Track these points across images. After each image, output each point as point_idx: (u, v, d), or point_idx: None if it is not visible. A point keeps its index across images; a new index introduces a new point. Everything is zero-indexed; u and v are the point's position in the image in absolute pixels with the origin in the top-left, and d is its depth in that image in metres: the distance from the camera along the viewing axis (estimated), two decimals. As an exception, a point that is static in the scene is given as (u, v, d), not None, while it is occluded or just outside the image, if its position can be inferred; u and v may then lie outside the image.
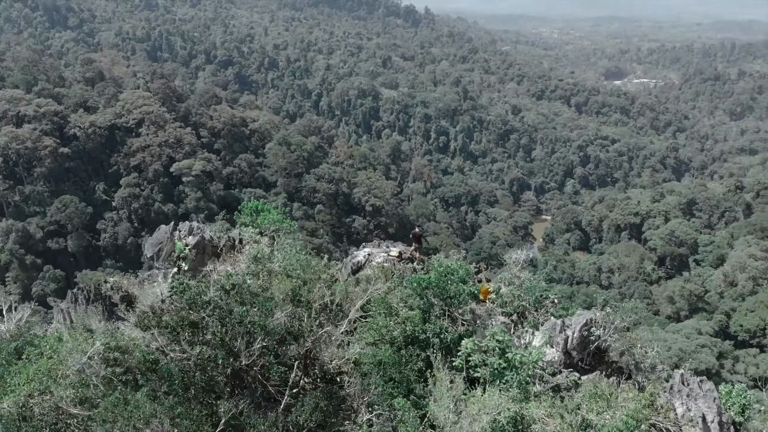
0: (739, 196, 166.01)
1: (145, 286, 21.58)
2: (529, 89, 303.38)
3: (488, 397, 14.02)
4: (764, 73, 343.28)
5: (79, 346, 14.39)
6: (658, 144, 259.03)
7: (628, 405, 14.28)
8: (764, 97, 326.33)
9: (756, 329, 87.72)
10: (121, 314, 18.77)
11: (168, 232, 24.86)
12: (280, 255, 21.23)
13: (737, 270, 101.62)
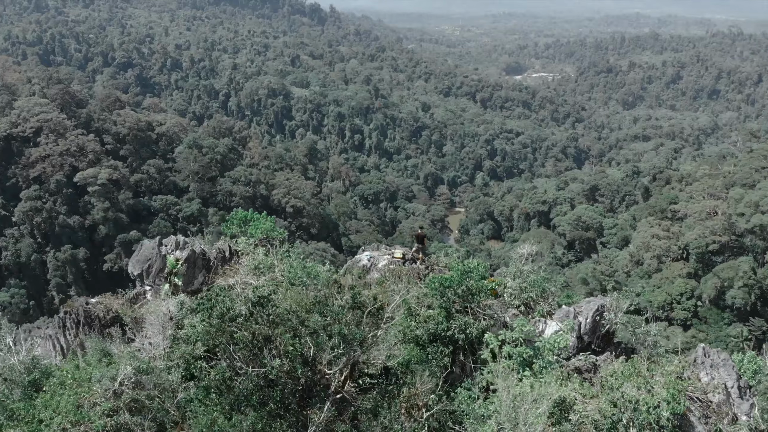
0: (636, 181, 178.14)
1: (148, 304, 20.47)
2: (437, 86, 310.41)
3: (545, 385, 14.60)
4: (652, 63, 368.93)
5: (107, 371, 13.61)
6: (558, 135, 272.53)
7: (660, 379, 15.38)
8: (653, 87, 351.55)
9: (663, 304, 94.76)
10: (127, 336, 17.80)
11: (155, 247, 23.79)
12: (284, 264, 20.93)
13: (642, 250, 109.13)
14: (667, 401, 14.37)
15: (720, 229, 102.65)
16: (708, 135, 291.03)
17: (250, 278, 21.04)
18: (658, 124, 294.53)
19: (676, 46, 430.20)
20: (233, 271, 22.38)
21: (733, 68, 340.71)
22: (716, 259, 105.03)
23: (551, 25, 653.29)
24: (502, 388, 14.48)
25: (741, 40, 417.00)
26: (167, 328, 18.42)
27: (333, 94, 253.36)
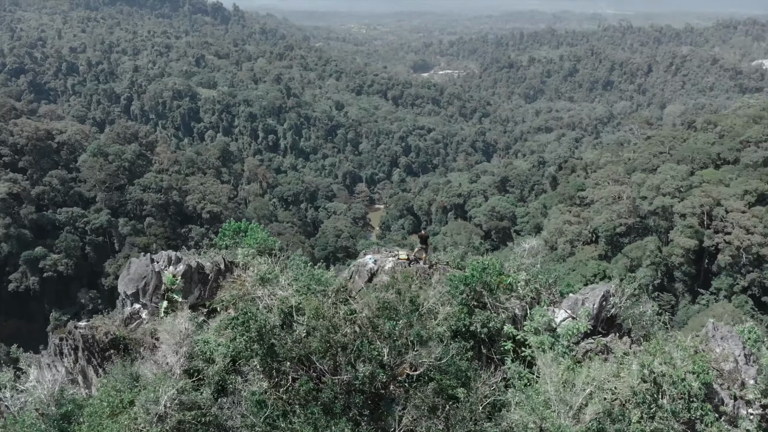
0: (543, 170, 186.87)
1: (146, 323, 19.05)
2: (348, 85, 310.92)
3: (592, 369, 15.07)
4: (550, 58, 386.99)
5: (149, 395, 12.75)
6: (467, 130, 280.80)
7: (679, 354, 16.36)
8: (552, 80, 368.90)
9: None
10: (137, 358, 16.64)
11: (148, 264, 22.31)
12: (290, 272, 20.28)
13: (555, 235, 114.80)
14: (696, 373, 15.57)
15: (625, 212, 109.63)
16: (605, 124, 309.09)
17: (259, 289, 20.36)
18: (559, 115, 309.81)
19: (572, 40, 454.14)
20: (239, 283, 21.55)
21: (625, 60, 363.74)
22: (623, 241, 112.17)
23: (454, 22, 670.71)
24: (546, 374, 15.02)
25: (630, 33, 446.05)
26: (182, 345, 17.87)
27: (243, 94, 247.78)
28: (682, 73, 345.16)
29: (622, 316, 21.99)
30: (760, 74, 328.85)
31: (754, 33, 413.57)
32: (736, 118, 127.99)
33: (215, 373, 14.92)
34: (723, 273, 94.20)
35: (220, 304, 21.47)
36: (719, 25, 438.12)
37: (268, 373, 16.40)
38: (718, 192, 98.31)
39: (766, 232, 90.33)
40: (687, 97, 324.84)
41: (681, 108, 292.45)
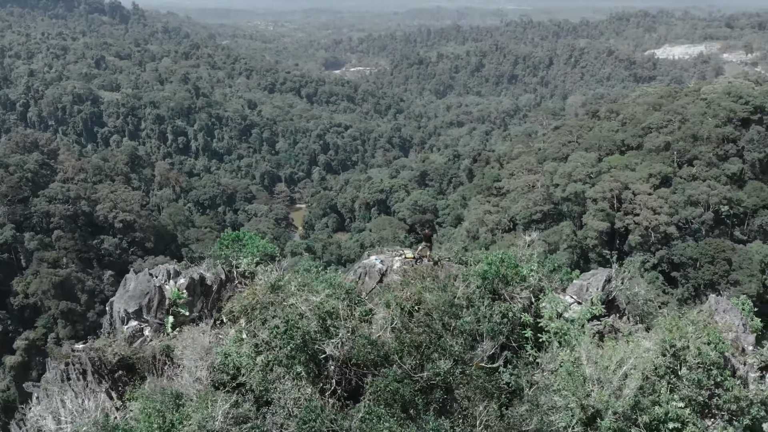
0: (458, 163, 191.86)
1: (153, 340, 17.64)
2: (260, 83, 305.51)
3: (629, 347, 15.65)
4: (458, 54, 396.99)
5: (205, 413, 12.00)
6: (383, 126, 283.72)
7: (691, 328, 17.40)
8: (461, 75, 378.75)
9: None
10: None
11: (150, 280, 20.82)
12: (300, 277, 19.73)
13: (476, 225, 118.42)
14: (714, 344, 16.81)
15: (540, 200, 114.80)
16: (511, 116, 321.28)
17: (269, 296, 19.72)
18: (468, 110, 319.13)
19: (476, 36, 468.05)
20: (249, 292, 20.82)
21: (528, 54, 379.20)
22: (540, 227, 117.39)
23: (362, 19, 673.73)
24: (585, 357, 15.66)
25: (531, 27, 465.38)
26: (206, 359, 17.47)
27: (148, 95, 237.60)
28: (581, 65, 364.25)
29: (620, 297, 23.34)
30: (653, 64, 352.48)
31: (645, 24, 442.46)
32: (636, 106, 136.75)
33: (258, 384, 14.60)
34: (634, 252, 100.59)
35: (228, 315, 20.86)
36: (613, 18, 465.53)
37: (311, 380, 16.41)
38: (626, 176, 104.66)
39: (671, 212, 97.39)
40: (586, 88, 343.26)
41: (582, 98, 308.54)
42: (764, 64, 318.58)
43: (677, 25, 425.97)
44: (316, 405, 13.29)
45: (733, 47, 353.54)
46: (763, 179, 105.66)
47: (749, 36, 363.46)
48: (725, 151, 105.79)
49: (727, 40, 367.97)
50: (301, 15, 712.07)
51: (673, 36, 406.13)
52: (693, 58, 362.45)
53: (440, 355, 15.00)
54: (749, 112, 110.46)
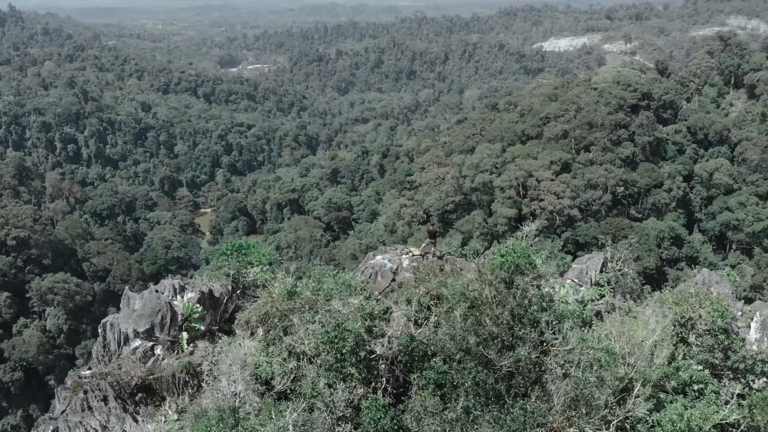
0: (368, 159, 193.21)
1: (170, 357, 16.13)
2: (153, 84, 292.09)
3: (651, 321, 16.33)
4: (357, 50, 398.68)
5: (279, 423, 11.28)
6: (288, 124, 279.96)
7: (693, 300, 18.54)
8: (361, 72, 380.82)
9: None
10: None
11: (159, 297, 19.02)
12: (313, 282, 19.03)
13: (393, 219, 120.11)
14: (720, 312, 18.21)
15: (452, 191, 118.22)
16: (413, 112, 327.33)
17: (286, 303, 19.06)
18: (372, 106, 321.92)
19: (373, 32, 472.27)
20: (266, 301, 20.02)
21: (424, 50, 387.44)
22: (452, 217, 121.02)
23: (255, 16, 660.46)
24: (616, 333, 16.48)
25: (426, 23, 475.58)
26: (244, 371, 17.39)
27: (32, 102, 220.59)
28: (475, 60, 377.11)
29: (611, 277, 24.75)
30: (541, 56, 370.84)
31: (531, 19, 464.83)
32: (533, 97, 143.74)
33: (310, 389, 14.34)
34: (541, 235, 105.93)
35: (243, 326, 20.11)
36: (501, 13, 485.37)
37: (363, 380, 16.42)
38: (529, 165, 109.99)
39: (573, 196, 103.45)
40: (481, 82, 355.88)
41: (478, 92, 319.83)
42: (642, 53, 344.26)
43: (561, 18, 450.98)
44: (382, 402, 13.42)
45: (613, 38, 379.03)
46: (653, 160, 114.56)
47: (627, 27, 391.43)
48: (618, 136, 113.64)
49: (607, 31, 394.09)
50: (191, 12, 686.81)
51: (558, 29, 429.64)
52: (577, 49, 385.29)
53: (517, 343, 15.67)
54: (637, 98, 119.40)
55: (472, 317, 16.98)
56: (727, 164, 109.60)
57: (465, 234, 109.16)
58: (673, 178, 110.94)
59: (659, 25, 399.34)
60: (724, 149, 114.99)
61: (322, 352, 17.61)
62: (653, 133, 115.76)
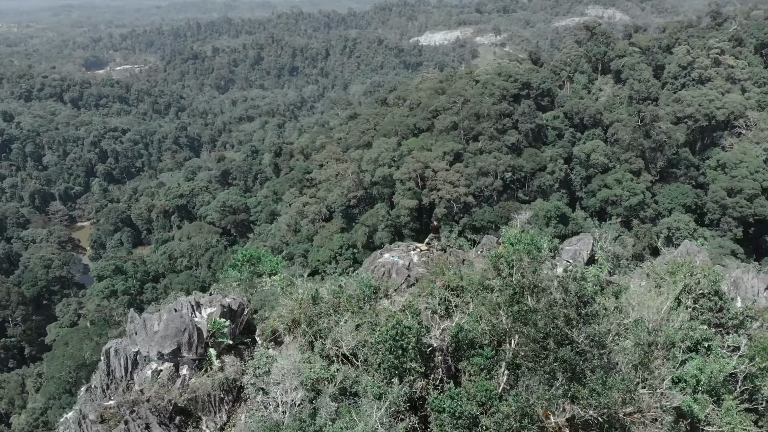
0: (259, 159, 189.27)
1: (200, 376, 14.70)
2: (13, 91, 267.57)
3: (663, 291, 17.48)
4: (234, 47, 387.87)
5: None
6: (166, 127, 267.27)
7: (684, 269, 20.09)
8: (241, 69, 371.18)
9: (329, 259, 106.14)
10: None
11: (181, 315, 17.34)
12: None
13: (296, 218, 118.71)
14: (715, 280, 19.84)
15: (353, 187, 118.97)
16: (299, 108, 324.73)
17: (311, 309, 18.52)
18: (255, 103, 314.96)
19: (250, 29, 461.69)
20: (293, 307, 20.35)
21: (304, 45, 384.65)
22: (355, 212, 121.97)
23: (120, 15, 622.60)
24: (637, 303, 17.52)
25: (303, 19, 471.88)
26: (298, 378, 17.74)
27: None
28: (356, 55, 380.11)
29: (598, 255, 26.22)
30: (419, 50, 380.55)
31: (406, 13, 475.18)
32: (420, 91, 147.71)
33: (375, 388, 15.89)
34: (441, 222, 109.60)
35: (268, 335, 19.35)
36: (377, 8, 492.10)
37: (423, 373, 17.50)
38: (425, 157, 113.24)
39: (467, 184, 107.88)
40: (364, 77, 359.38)
41: (362, 87, 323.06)
42: (511, 44, 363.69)
43: (434, 13, 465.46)
44: (485, 385, 13.93)
45: (483, 31, 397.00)
46: (535, 146, 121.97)
47: (496, 20, 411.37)
48: (503, 125, 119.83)
49: (478, 24, 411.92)
50: (48, 13, 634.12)
51: (432, 23, 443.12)
52: (452, 42, 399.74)
53: (586, 323, 16.59)
54: (518, 88, 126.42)
55: (541, 303, 17.83)
56: (602, 145, 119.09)
57: (370, 227, 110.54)
58: (555, 161, 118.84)
59: (525, 17, 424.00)
60: (598, 131, 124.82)
61: (379, 351, 18.26)
62: (534, 120, 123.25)
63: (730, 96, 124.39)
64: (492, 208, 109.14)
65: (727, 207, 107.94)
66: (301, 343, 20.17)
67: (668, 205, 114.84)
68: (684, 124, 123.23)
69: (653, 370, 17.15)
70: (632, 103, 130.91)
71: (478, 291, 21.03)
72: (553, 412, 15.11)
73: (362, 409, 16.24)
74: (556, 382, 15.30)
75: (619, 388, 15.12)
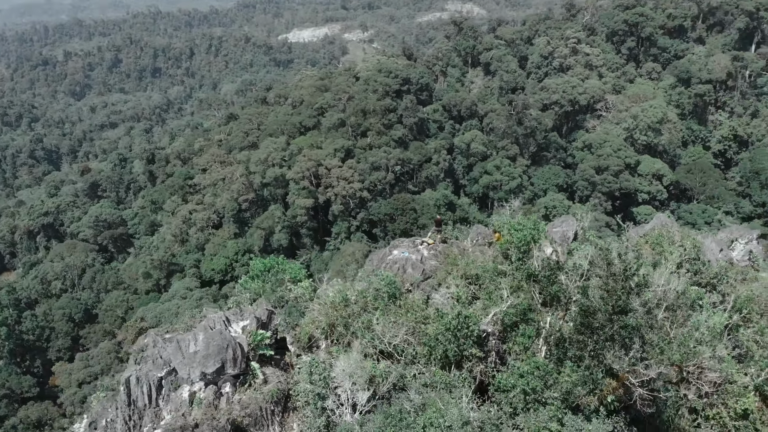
0: (130, 167, 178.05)
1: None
2: None
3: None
4: (88, 50, 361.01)
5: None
6: (20, 139, 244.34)
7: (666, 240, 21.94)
8: (97, 73, 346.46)
9: (225, 267, 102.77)
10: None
11: (222, 332, 18.76)
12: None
13: (183, 227, 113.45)
14: (696, 246, 21.67)
15: (243, 189, 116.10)
16: (166, 111, 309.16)
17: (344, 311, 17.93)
18: (117, 108, 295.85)
19: (104, 30, 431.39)
20: (327, 311, 20.50)
21: (166, 46, 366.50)
22: (247, 216, 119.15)
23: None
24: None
25: (161, 18, 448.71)
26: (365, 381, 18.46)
27: None
28: (223, 54, 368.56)
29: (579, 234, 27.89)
30: (288, 48, 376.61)
31: (272, 10, 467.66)
32: (301, 89, 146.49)
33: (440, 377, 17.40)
34: (339, 219, 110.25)
35: (301, 344, 18.71)
36: (240, 6, 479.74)
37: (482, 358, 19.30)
38: (316, 155, 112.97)
39: (361, 179, 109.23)
40: (234, 75, 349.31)
41: (233, 86, 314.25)
42: (379, 41, 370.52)
43: (300, 9, 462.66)
44: (538, 362, 15.55)
45: (351, 27, 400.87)
46: (420, 138, 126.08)
47: (363, 16, 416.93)
48: (389, 120, 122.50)
49: (345, 21, 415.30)
50: None
51: (299, 20, 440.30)
52: (321, 39, 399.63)
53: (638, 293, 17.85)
54: (399, 84, 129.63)
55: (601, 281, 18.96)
56: (480, 135, 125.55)
57: (266, 230, 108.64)
58: (439, 152, 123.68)
59: (389, 13, 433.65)
60: (475, 122, 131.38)
61: (440, 341, 19.25)
62: (417, 114, 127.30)
63: (590, 82, 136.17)
64: (387, 201, 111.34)
65: (597, 183, 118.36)
66: (343, 343, 20.25)
67: (543, 185, 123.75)
68: (551, 111, 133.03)
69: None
70: (503, 93, 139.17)
71: (493, 277, 22.06)
72: (631, 373, 16.50)
73: (443, 398, 16.79)
74: (634, 346, 16.66)
75: (682, 344, 16.96)
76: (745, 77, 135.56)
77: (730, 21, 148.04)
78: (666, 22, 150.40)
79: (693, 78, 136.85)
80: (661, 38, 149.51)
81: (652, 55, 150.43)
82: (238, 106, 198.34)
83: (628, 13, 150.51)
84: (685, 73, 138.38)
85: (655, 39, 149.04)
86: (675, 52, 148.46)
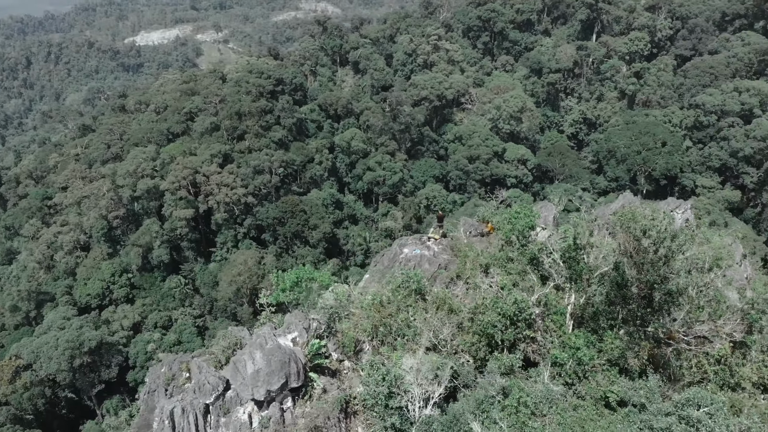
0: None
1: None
2: None
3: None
4: None
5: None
6: None
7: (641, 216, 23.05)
8: None
9: (102, 291, 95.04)
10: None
11: (279, 347, 18.28)
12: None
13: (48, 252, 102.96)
14: (668, 220, 22.61)
15: (112, 206, 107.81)
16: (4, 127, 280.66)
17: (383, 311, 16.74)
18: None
19: None
20: (369, 314, 20.75)
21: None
22: (118, 233, 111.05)
23: None
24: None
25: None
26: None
27: None
28: (64, 61, 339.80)
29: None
30: (137, 51, 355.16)
31: (114, 13, 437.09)
32: (164, 94, 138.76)
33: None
34: (223, 228, 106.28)
35: (348, 348, 17.93)
36: (79, 9, 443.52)
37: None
38: (192, 162, 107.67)
39: (245, 184, 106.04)
40: (78, 84, 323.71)
41: (80, 95, 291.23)
42: (234, 41, 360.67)
43: (146, 11, 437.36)
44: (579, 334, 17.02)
45: (203, 28, 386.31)
46: (300, 139, 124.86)
47: (215, 16, 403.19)
48: (266, 121, 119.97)
49: (197, 21, 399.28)
50: None
51: (147, 22, 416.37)
52: (171, 41, 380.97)
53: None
54: (273, 85, 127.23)
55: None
56: (359, 132, 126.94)
57: (143, 247, 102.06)
58: (321, 152, 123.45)
59: (243, 13, 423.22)
60: (352, 120, 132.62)
61: (497, 327, 20.06)
62: (294, 115, 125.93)
63: (454, 77, 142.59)
64: (275, 205, 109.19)
65: (470, 172, 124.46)
66: (388, 343, 19.88)
67: (421, 178, 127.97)
68: (422, 106, 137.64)
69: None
70: (375, 91, 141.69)
71: (504, 263, 22.53)
72: (677, 332, 17.60)
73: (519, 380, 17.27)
74: (679, 312, 17.67)
75: (720, 301, 18.53)
76: (589, 64, 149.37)
77: (572, 13, 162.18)
78: (515, 16, 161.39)
79: (544, 68, 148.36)
80: (512, 32, 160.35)
81: (505, 49, 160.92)
82: (89, 116, 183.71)
83: (481, 10, 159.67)
84: (537, 63, 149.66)
85: (507, 33, 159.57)
86: (525, 45, 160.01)
